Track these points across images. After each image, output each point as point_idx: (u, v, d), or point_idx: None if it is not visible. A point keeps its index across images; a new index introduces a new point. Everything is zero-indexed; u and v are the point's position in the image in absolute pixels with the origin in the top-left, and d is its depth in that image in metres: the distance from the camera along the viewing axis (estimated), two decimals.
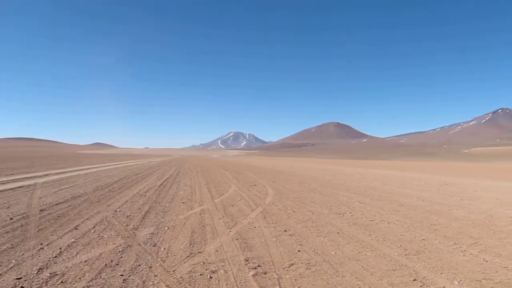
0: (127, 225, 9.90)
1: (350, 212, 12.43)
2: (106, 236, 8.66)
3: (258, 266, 6.68)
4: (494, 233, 9.50)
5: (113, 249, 7.61)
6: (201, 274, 6.26)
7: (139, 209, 12.60)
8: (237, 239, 8.61)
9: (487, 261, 7.05)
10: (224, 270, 6.46)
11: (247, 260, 7.00)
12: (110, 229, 9.46)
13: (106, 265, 6.65)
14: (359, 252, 7.62)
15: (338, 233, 9.35)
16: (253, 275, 6.22)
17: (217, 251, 7.62)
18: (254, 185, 21.85)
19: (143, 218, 11.03)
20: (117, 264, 6.71)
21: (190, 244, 8.10)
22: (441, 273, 6.39)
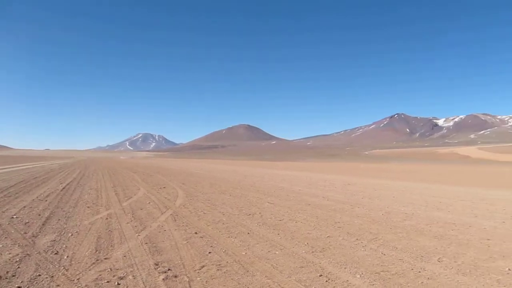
0: (25, 233, 9.20)
1: (260, 213, 12.68)
2: (0, 246, 7.98)
3: (169, 269, 6.57)
4: (391, 228, 10.25)
5: (9, 259, 7.03)
6: (108, 281, 6.00)
7: (39, 215, 11.78)
8: (146, 243, 8.38)
9: (385, 255, 7.59)
10: (133, 276, 6.25)
11: (156, 264, 6.84)
12: (6, 237, 8.73)
13: (0, 277, 6.12)
14: (268, 251, 7.80)
15: (248, 233, 9.49)
16: (163, 279, 6.09)
17: (125, 256, 7.36)
18: (164, 187, 21.46)
19: (43, 224, 10.32)
20: (13, 276, 6.20)
21: (96, 251, 7.73)
22: (345, 268, 6.76)
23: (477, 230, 10.10)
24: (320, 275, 6.37)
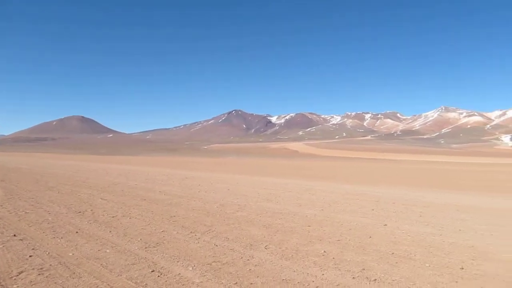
0: None
1: (91, 210, 11.97)
2: None
3: None
4: (224, 220, 10.64)
5: None
6: None
7: None
8: None
9: (217, 246, 7.83)
10: None
11: None
12: None
13: None
14: (98, 250, 7.40)
15: (77, 232, 8.87)
16: None
17: None
18: None
19: None
20: None
21: None
22: (178, 261, 6.77)
23: (300, 218, 11.09)
24: (152, 271, 6.27)
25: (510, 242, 8.52)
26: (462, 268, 6.58)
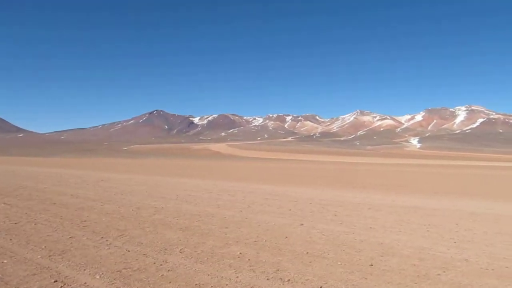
0: None
1: None
2: None
3: None
4: (139, 223, 10.23)
5: None
6: None
7: None
8: None
9: (129, 251, 7.47)
10: None
11: None
12: None
13: None
14: None
15: None
16: None
17: None
18: None
19: None
20: None
21: None
22: (85, 270, 6.35)
23: (218, 219, 10.97)
24: (55, 281, 5.81)
25: (414, 238, 9.04)
26: (372, 265, 6.82)
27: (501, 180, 37.18)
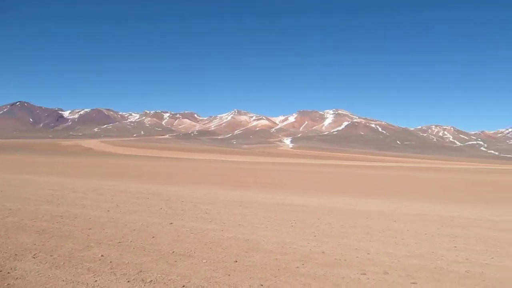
0: None
1: None
2: None
3: None
4: None
5: None
6: None
7: None
8: None
9: None
10: None
11: None
12: None
13: None
14: None
15: None
16: None
17: None
18: None
19: None
20: None
21: None
22: None
23: (82, 220, 10.30)
24: None
25: (279, 233, 9.49)
26: (236, 261, 6.97)
27: (361, 178, 40.96)
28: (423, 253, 8.13)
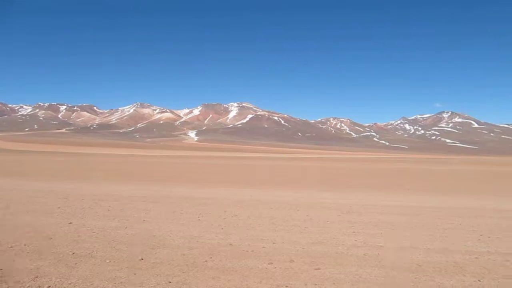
0: None
1: None
2: None
3: None
4: None
5: None
6: None
7: None
8: None
9: None
10: None
11: None
12: None
13: None
14: None
15: None
16: None
17: None
18: None
19: None
20: None
21: None
22: None
23: None
24: None
25: (186, 227, 9.38)
26: (142, 259, 6.74)
27: (265, 169, 41.94)
28: (325, 239, 8.52)
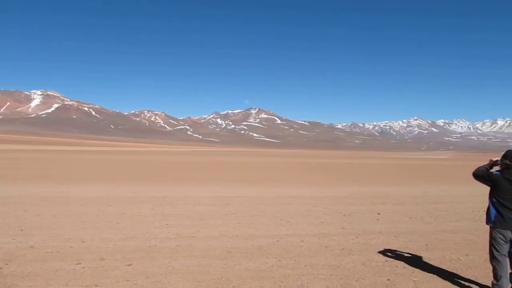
0: None
1: None
2: None
3: None
4: None
5: None
6: None
7: None
8: None
9: None
10: None
11: None
12: None
13: None
14: None
15: None
16: None
17: None
18: None
19: None
20: None
21: None
22: None
23: None
24: None
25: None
26: None
27: (73, 163, 39.02)
28: (138, 234, 8.42)
